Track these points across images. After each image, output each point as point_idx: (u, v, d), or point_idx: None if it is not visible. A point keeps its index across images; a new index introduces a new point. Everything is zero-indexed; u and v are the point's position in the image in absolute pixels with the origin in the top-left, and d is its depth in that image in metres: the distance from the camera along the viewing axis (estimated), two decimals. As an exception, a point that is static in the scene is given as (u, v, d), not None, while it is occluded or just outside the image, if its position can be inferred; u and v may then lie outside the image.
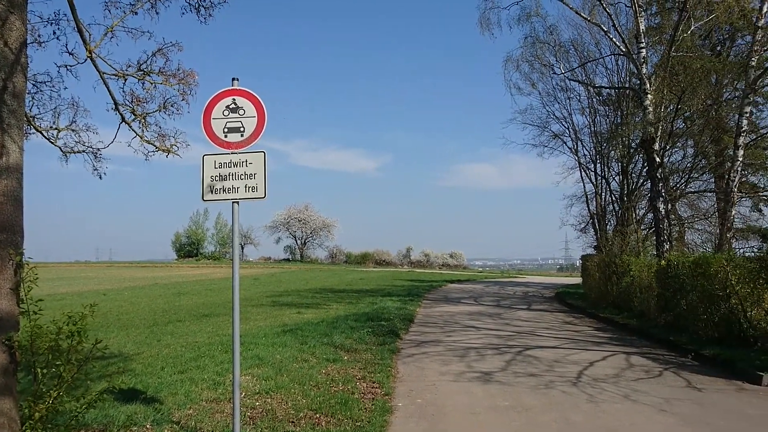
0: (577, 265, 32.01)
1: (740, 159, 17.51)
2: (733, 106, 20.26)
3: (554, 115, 30.32)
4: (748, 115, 18.07)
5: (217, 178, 5.46)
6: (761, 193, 23.57)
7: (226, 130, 5.49)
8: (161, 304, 22.10)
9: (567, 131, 30.21)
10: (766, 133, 21.24)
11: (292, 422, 6.11)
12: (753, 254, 11.30)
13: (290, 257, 75.02)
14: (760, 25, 17.24)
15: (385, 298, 20.55)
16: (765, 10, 17.34)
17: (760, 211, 26.53)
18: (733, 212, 18.69)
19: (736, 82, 20.23)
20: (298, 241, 74.98)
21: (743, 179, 21.08)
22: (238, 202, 5.46)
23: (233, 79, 5.56)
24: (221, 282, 35.27)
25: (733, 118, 20.28)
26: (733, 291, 10.48)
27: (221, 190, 5.45)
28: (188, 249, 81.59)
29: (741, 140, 17.43)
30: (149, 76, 7.06)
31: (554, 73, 26.07)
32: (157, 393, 7.07)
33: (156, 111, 7.27)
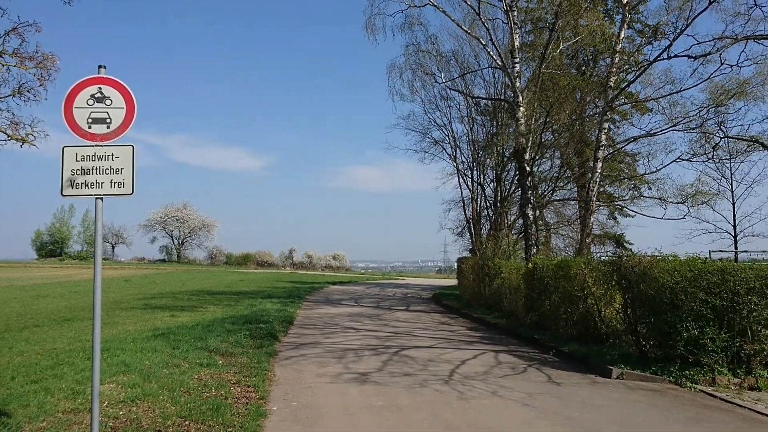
0: (455, 267, 33.29)
1: (599, 171, 19.09)
2: (594, 121, 22.04)
3: (435, 122, 31.39)
4: (606, 130, 19.77)
5: (78, 172, 5.09)
6: (616, 203, 25.86)
7: (90, 120, 5.13)
8: (16, 308, 20.16)
9: (447, 138, 31.38)
10: (621, 148, 23.32)
11: (159, 431, 5.81)
12: (607, 258, 12.33)
13: (166, 258, 71.64)
14: (617, 49, 18.92)
15: (265, 300, 20.19)
16: (622, 35, 19.08)
17: (615, 218, 29.19)
18: (592, 219, 20.34)
19: (596, 100, 22.02)
20: (175, 241, 71.81)
21: (601, 189, 23.01)
22: (101, 199, 5.12)
23: (100, 67, 5.21)
24: (87, 284, 32.86)
25: (593, 133, 22.08)
26: (589, 292, 11.38)
27: (83, 185, 5.08)
28: (51, 248, 75.42)
29: (600, 153, 19.00)
30: (1, 57, 6.42)
31: (436, 81, 26.94)
32: (4, 405, 6.43)
33: (9, 96, 6.62)
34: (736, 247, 23.00)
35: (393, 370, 9.37)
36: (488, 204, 29.44)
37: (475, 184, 29.97)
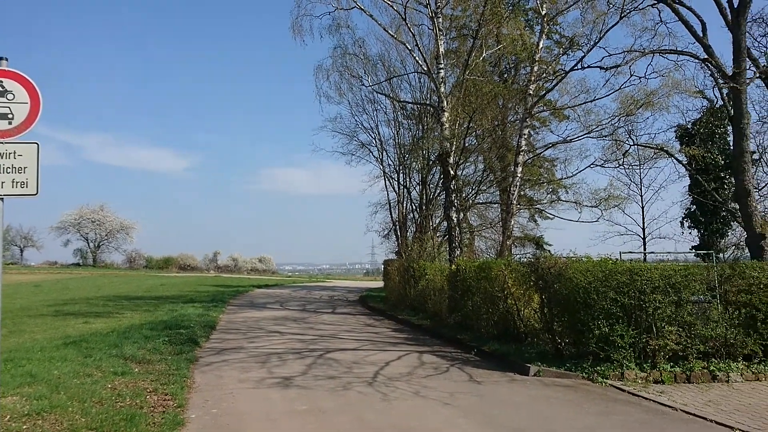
0: (382, 269, 33.53)
1: (519, 175, 19.74)
2: (515, 127, 22.76)
3: (362, 125, 31.53)
4: (526, 136, 20.48)
5: (-24, 171, 4.76)
6: (536, 206, 26.82)
7: (-10, 116, 4.82)
8: None
9: (374, 141, 31.58)
10: (540, 153, 24.21)
11: (67, 445, 5.53)
12: (526, 259, 12.76)
13: (81, 262, 68.05)
14: (537, 58, 19.66)
15: (187, 305, 19.58)
16: (541, 45, 19.85)
17: (535, 221, 30.22)
18: (513, 222, 21.01)
19: (517, 107, 22.76)
20: (91, 244, 68.31)
21: (522, 193, 23.79)
22: (2, 199, 4.82)
23: (1, 59, 4.89)
24: (-8, 290, 30.73)
25: (515, 138, 22.79)
26: (509, 292, 11.75)
27: (-19, 185, 4.76)
28: (-50, 252, 70.05)
29: (520, 158, 19.65)
30: None
31: (363, 85, 27.06)
32: None
33: None
34: (644, 249, 24.36)
35: (317, 373, 9.33)
36: (414, 207, 29.83)
37: (402, 187, 30.32)
